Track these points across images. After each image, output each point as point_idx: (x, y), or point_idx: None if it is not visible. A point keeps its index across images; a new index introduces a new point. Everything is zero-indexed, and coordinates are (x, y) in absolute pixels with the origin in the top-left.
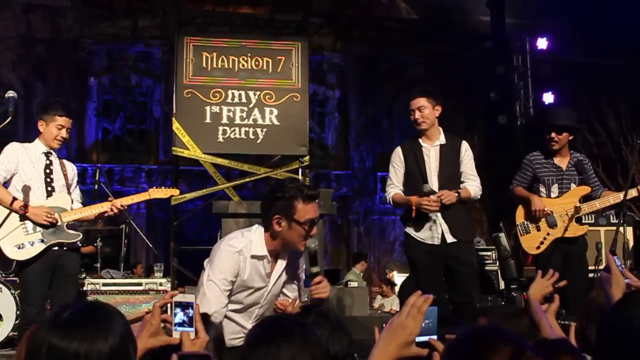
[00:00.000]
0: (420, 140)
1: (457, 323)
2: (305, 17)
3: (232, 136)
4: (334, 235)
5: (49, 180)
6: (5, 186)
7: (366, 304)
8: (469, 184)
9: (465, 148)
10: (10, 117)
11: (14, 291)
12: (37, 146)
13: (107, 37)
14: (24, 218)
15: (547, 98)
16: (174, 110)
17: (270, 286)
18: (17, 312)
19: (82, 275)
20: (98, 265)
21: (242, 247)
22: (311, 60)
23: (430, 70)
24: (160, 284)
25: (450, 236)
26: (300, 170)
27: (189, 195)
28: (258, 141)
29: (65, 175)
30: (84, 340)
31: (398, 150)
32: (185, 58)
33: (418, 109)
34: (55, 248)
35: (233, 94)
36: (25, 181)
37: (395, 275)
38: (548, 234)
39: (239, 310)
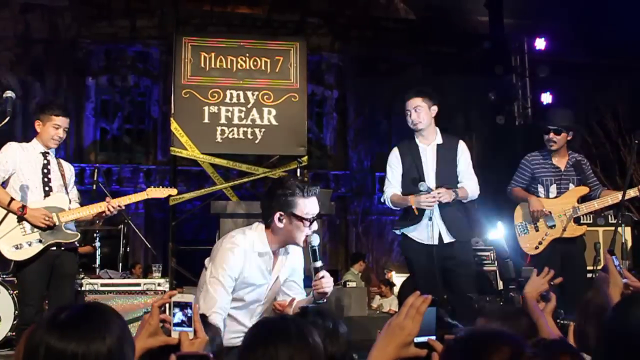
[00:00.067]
0: (417, 140)
1: (456, 323)
2: (303, 17)
3: (230, 136)
4: (333, 236)
5: (46, 180)
6: (3, 186)
7: (364, 304)
8: (467, 183)
9: (462, 147)
10: (8, 117)
11: (12, 291)
12: (34, 146)
13: (105, 37)
14: (22, 218)
15: (546, 98)
16: (172, 111)
17: (271, 283)
18: (15, 313)
19: (81, 276)
20: (96, 265)
21: (244, 244)
22: (309, 61)
23: (429, 71)
24: (159, 284)
25: (447, 236)
26: (299, 170)
27: (187, 196)
28: (256, 141)
29: (62, 175)
30: (82, 341)
31: (395, 151)
32: (184, 58)
33: (414, 109)
34: (53, 248)
35: (231, 94)
36: (23, 181)
37: (393, 276)
38: (546, 234)
39: (240, 307)
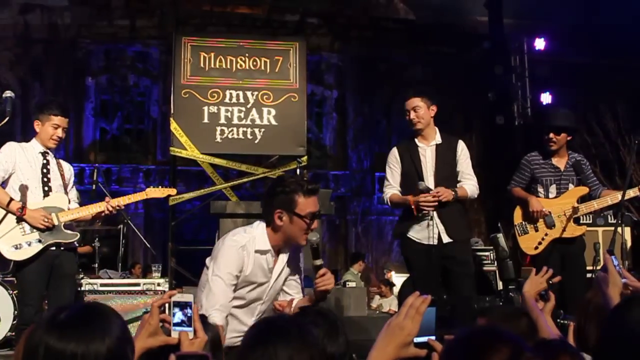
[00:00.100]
0: (416, 140)
1: (455, 323)
2: (302, 17)
3: (230, 136)
4: (332, 236)
5: (46, 180)
6: (2, 186)
7: (364, 304)
8: (466, 183)
9: (461, 147)
10: (7, 117)
11: (11, 291)
12: (34, 146)
13: (105, 37)
14: (21, 219)
15: (545, 98)
16: (172, 111)
17: (272, 282)
18: (15, 313)
19: (80, 276)
20: (96, 265)
21: (245, 242)
22: (309, 61)
23: (428, 71)
24: (158, 284)
25: (446, 236)
26: (298, 170)
27: (187, 196)
28: (256, 141)
29: (62, 175)
30: (81, 342)
31: (394, 151)
32: (183, 58)
33: (413, 109)
34: (52, 248)
35: (231, 94)
36: (22, 181)
37: (393, 276)
38: (546, 235)
39: (241, 306)
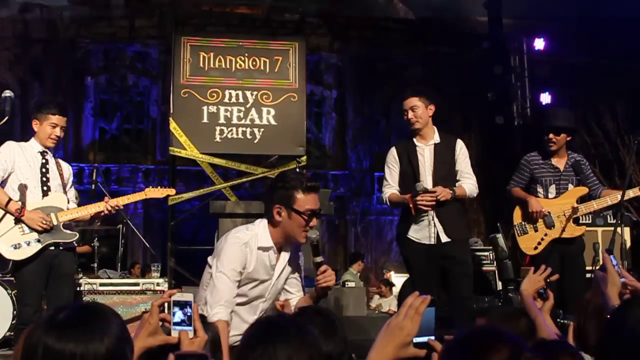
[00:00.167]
0: (415, 140)
1: (454, 323)
2: (302, 17)
3: (229, 136)
4: (331, 236)
5: (44, 179)
6: (1, 186)
7: (363, 304)
8: (465, 182)
9: (460, 146)
10: (7, 117)
11: (10, 291)
12: (32, 145)
13: (104, 37)
14: (19, 220)
15: (545, 98)
16: (171, 110)
17: (274, 279)
18: (14, 312)
19: (79, 275)
20: (95, 265)
21: (248, 240)
22: (308, 61)
23: (428, 71)
24: (157, 284)
25: (445, 236)
26: (298, 170)
27: (186, 195)
28: (255, 141)
29: (61, 175)
30: (80, 342)
31: (393, 151)
32: (183, 58)
33: (411, 108)
34: (51, 248)
35: (230, 94)
36: (21, 180)
37: (392, 276)
38: (545, 235)
39: (244, 303)
